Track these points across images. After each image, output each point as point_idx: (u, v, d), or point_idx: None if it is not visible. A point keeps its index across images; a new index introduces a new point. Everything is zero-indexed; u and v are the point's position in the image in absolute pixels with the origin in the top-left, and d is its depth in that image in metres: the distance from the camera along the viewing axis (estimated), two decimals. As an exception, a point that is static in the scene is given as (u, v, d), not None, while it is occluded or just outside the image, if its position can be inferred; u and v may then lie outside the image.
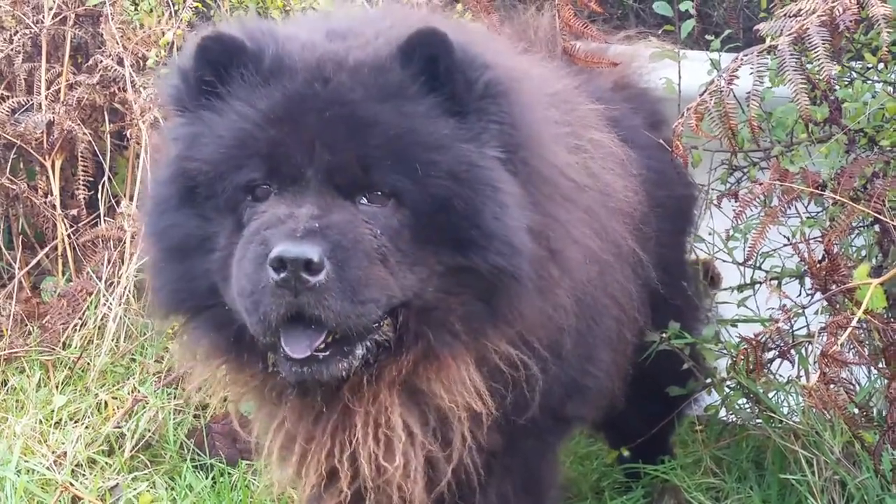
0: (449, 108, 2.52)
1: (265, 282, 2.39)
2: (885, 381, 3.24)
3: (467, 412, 2.70)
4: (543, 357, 2.74)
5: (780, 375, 3.76)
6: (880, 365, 3.29)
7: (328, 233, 2.39)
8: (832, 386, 3.04)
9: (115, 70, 5.32)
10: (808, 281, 3.61)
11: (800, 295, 3.72)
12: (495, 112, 2.56)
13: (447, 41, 2.51)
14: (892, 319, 3.20)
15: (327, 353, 2.51)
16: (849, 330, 2.90)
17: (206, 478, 4.17)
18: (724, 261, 4.02)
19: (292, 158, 2.47)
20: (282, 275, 2.35)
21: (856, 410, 3.35)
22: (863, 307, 2.86)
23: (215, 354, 2.76)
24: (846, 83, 3.69)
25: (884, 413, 3.31)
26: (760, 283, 3.93)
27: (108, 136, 5.46)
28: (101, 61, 5.36)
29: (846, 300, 3.16)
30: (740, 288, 4.03)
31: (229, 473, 4.17)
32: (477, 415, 2.71)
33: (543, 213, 2.61)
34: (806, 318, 3.68)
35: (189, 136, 2.60)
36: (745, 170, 3.93)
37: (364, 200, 2.49)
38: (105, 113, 5.50)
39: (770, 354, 3.53)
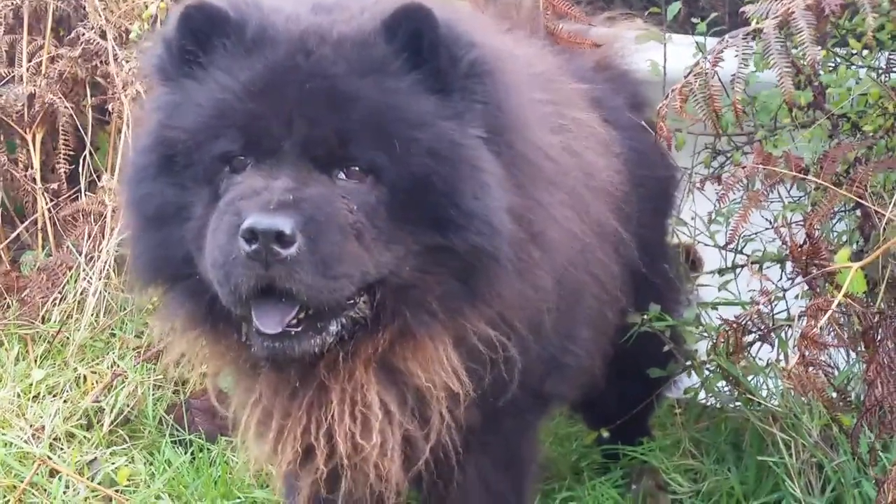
0: (432, 85, 2.51)
1: (236, 253, 2.37)
2: (864, 364, 3.26)
3: (445, 392, 2.69)
4: (523, 336, 2.73)
5: (760, 359, 3.77)
6: (859, 348, 3.31)
7: (302, 206, 2.37)
8: (811, 368, 3.05)
9: (98, 43, 5.28)
10: (789, 265, 3.63)
11: (781, 279, 3.74)
12: (480, 91, 2.55)
13: (432, 17, 2.49)
14: (871, 303, 3.21)
15: (300, 328, 2.50)
16: (829, 313, 2.91)
17: (185, 453, 4.16)
18: (705, 244, 4.03)
19: (270, 130, 2.45)
20: (253, 246, 2.34)
21: (834, 394, 3.36)
22: (843, 291, 2.87)
23: (191, 325, 2.75)
24: (830, 69, 3.70)
25: (862, 397, 3.33)
26: (742, 266, 3.94)
27: (90, 109, 5.42)
28: (84, 34, 5.32)
29: (827, 284, 3.18)
30: (721, 272, 4.04)
31: (208, 449, 4.17)
32: (455, 394, 2.70)
33: (526, 196, 2.60)
34: (786, 301, 3.69)
35: (169, 105, 2.59)
36: (729, 153, 3.94)
37: (342, 175, 2.47)
38: (87, 86, 5.46)
39: (750, 337, 3.55)
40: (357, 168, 2.47)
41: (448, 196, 2.48)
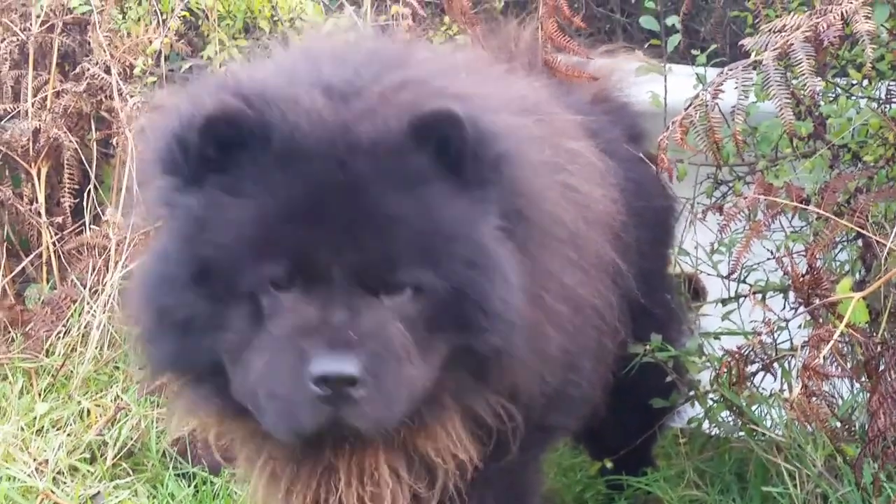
0: (462, 190, 2.47)
1: (304, 394, 2.34)
2: (867, 394, 3.25)
3: (453, 460, 2.72)
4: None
5: (763, 389, 3.77)
6: (862, 379, 3.31)
7: (365, 342, 2.35)
8: (814, 399, 3.05)
9: (102, 78, 5.32)
10: (791, 295, 3.63)
11: (784, 308, 3.74)
12: (500, 181, 2.53)
13: (461, 123, 2.44)
14: (873, 333, 3.22)
15: None
16: (831, 343, 2.92)
17: (189, 486, 4.16)
18: (708, 274, 4.04)
19: (319, 257, 2.39)
20: (325, 391, 2.32)
21: (838, 424, 3.36)
22: (845, 320, 2.88)
23: (218, 419, 2.71)
24: (831, 99, 3.72)
25: (865, 427, 3.32)
26: (744, 296, 3.95)
27: (95, 143, 5.45)
28: (88, 69, 5.36)
29: (829, 314, 3.18)
30: (724, 301, 4.05)
31: (212, 482, 4.15)
32: (462, 461, 2.73)
33: (538, 270, 2.60)
34: (789, 331, 3.69)
35: (200, 218, 2.46)
36: (730, 184, 3.96)
37: (387, 293, 2.45)
38: (92, 121, 5.49)
39: (753, 367, 3.55)
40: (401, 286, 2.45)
41: (478, 302, 2.47)
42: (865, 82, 3.69)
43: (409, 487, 2.73)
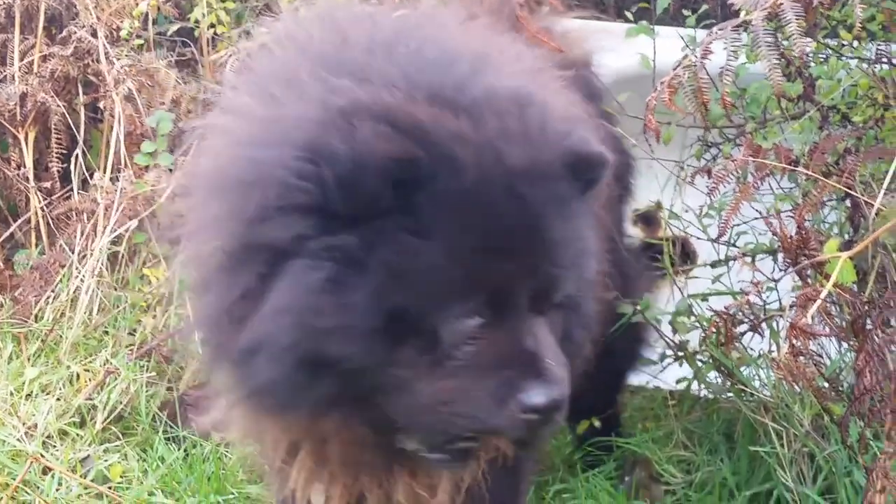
0: (582, 206, 2.56)
1: (509, 420, 2.37)
2: (854, 354, 3.26)
3: (495, 450, 2.77)
4: None
5: (752, 349, 3.79)
6: (851, 339, 3.31)
7: (555, 368, 2.40)
8: (801, 358, 3.05)
9: (89, 41, 5.29)
10: (780, 256, 3.64)
11: (773, 271, 3.75)
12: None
13: (608, 168, 2.57)
14: (860, 293, 3.22)
15: None
16: (818, 302, 2.92)
17: (179, 450, 4.16)
18: (697, 237, 4.04)
19: (512, 287, 2.40)
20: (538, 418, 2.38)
21: (825, 383, 3.38)
22: (832, 280, 2.87)
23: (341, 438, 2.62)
24: (821, 60, 3.71)
25: (852, 386, 3.33)
26: (734, 258, 3.95)
27: (82, 108, 5.43)
28: (75, 32, 5.33)
29: (817, 274, 3.19)
30: (714, 264, 4.05)
31: (202, 445, 4.16)
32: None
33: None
34: (778, 293, 3.70)
35: (389, 265, 2.34)
36: (720, 146, 3.95)
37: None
38: (79, 85, 5.47)
39: (742, 328, 3.56)
40: None
41: (581, 310, 2.62)
42: (855, 43, 3.68)
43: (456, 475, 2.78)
